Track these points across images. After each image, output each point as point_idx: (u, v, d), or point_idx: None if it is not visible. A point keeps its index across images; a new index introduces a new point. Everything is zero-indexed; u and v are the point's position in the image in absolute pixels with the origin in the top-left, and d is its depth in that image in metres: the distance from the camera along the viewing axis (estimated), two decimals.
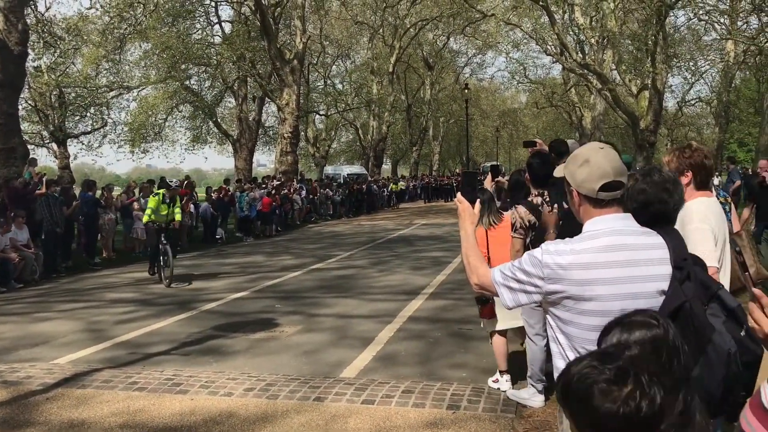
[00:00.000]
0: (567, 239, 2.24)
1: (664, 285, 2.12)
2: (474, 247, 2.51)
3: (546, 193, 4.95)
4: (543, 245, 2.26)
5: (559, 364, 2.28)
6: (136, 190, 17.98)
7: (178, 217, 12.30)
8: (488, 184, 5.57)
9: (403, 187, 41.66)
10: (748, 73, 33.93)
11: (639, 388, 1.22)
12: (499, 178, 6.00)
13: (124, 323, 8.41)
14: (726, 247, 3.34)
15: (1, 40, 15.86)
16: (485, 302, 5.59)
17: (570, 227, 3.42)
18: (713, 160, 3.64)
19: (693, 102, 42.53)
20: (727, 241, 3.38)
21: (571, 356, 2.16)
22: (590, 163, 2.19)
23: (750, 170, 13.87)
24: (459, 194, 2.68)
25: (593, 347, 2.15)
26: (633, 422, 1.22)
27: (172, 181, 12.40)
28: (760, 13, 24.98)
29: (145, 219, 12.29)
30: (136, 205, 16.52)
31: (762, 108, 16.66)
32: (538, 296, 2.22)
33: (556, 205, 4.37)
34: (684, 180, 3.32)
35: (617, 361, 1.29)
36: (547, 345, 5.11)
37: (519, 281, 2.23)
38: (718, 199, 5.01)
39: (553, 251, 2.19)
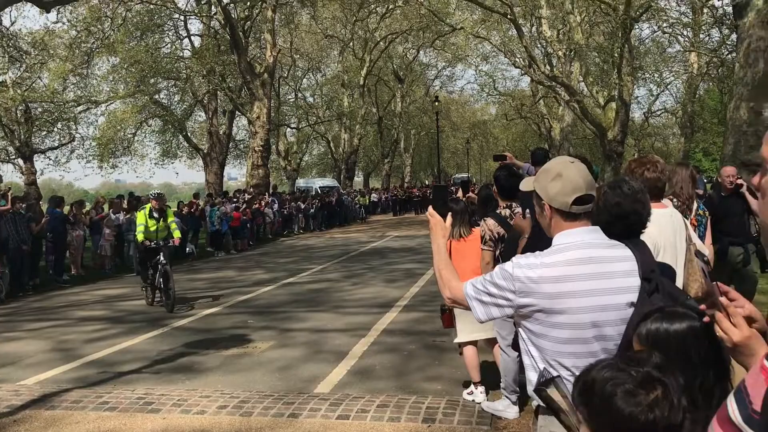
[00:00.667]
0: (537, 252, 2.26)
1: (634, 297, 2.15)
2: (446, 261, 2.52)
3: (513, 204, 5.03)
4: (514, 258, 2.28)
5: (531, 377, 2.30)
6: (105, 206, 17.75)
7: (177, 233, 10.95)
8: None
9: (375, 199, 41.65)
10: (711, 84, 34.67)
11: (665, 395, 1.24)
12: (470, 194, 6.04)
13: (94, 341, 8.27)
14: (678, 259, 3.38)
15: None
16: (444, 311, 5.64)
17: (540, 236, 3.46)
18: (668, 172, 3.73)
19: (659, 113, 43.34)
20: (679, 252, 3.42)
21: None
22: (563, 177, 2.22)
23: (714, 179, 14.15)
24: (430, 208, 2.70)
25: (566, 360, 2.18)
26: (656, 429, 1.23)
27: (152, 194, 11.39)
28: (721, 26, 25.57)
29: (139, 238, 10.59)
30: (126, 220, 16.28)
31: (725, 118, 17.07)
32: (510, 310, 2.23)
33: (528, 211, 4.42)
34: None
35: (644, 366, 1.30)
36: (520, 356, 5.17)
37: (490, 295, 2.24)
38: (698, 211, 5.12)
39: (524, 265, 2.21)
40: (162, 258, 10.41)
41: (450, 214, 2.70)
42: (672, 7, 26.68)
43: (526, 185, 2.43)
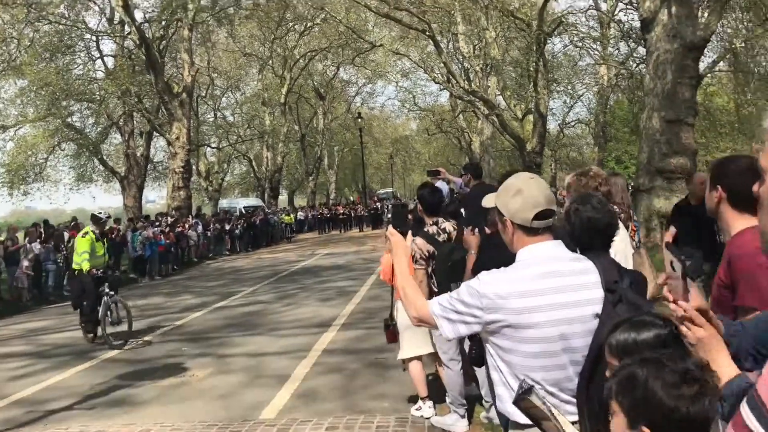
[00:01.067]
0: (502, 268, 2.29)
1: (598, 308, 2.20)
2: (410, 280, 2.52)
3: (440, 220, 5.13)
4: (480, 275, 2.30)
5: (501, 392, 2.31)
6: (20, 235, 16.93)
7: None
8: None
9: (301, 217, 41.34)
10: (620, 95, 36.28)
11: (703, 390, 1.30)
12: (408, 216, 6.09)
13: (18, 379, 7.84)
14: (628, 265, 3.52)
15: None
16: (387, 326, 5.66)
17: (491, 252, 3.52)
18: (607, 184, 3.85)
19: (573, 123, 44.96)
20: (628, 258, 3.56)
21: (514, 383, 2.20)
22: (523, 193, 2.26)
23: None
24: (390, 227, 2.69)
25: (535, 374, 2.21)
26: (694, 422, 1.29)
27: (101, 214, 10.29)
28: (628, 39, 26.88)
29: (85, 267, 9.52)
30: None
31: (637, 127, 17.97)
32: (478, 326, 2.24)
33: (476, 228, 4.49)
34: None
35: (685, 362, 1.34)
36: (463, 368, 5.22)
37: (458, 312, 2.25)
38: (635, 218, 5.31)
39: (490, 281, 2.23)
40: (107, 288, 9.61)
41: (410, 232, 2.70)
42: (582, 22, 27.84)
43: (487, 201, 2.47)
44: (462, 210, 6.45)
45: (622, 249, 3.50)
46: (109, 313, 9.55)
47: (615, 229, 2.53)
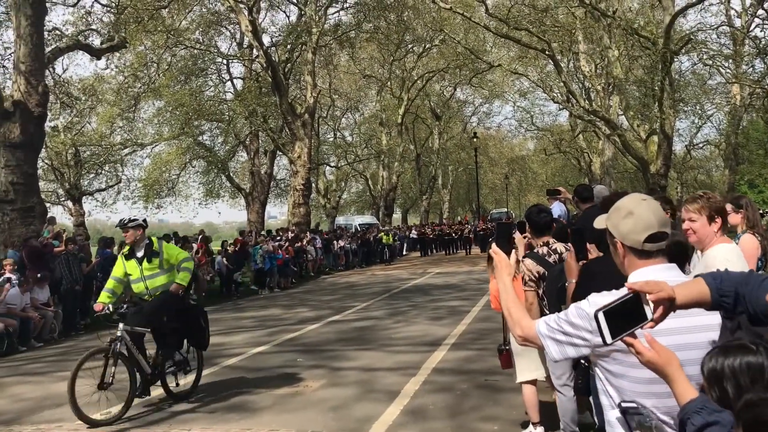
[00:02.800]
0: (613, 291, 2.26)
1: (715, 335, 2.12)
2: (515, 299, 2.51)
3: (550, 241, 5.08)
4: (590, 297, 2.27)
5: (610, 417, 2.27)
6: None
7: (182, 277, 7.16)
8: (520, 241, 5.51)
9: (414, 235, 40.16)
10: (755, 115, 34.18)
11: None
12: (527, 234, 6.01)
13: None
14: None
15: (21, 103, 16.26)
16: (501, 351, 5.58)
17: (590, 279, 3.40)
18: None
19: (701, 145, 42.76)
20: None
21: None
22: (634, 215, 2.22)
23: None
24: (494, 245, 2.69)
25: (646, 400, 2.16)
26: None
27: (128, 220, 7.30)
28: (764, 56, 25.31)
29: (101, 300, 7.07)
30: None
31: None
32: (587, 349, 2.21)
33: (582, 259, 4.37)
34: (714, 227, 3.37)
35: None
36: (577, 395, 5.09)
37: (566, 333, 2.22)
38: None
39: (601, 302, 2.21)
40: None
41: (514, 251, 2.70)
42: (713, 39, 26.51)
43: (599, 223, 2.44)
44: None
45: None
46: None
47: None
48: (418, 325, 12.03)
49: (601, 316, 1.88)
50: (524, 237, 5.60)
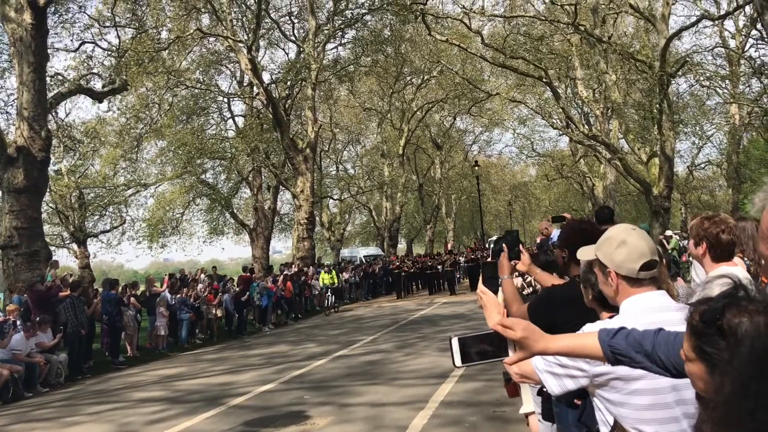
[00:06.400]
0: (607, 319, 2.26)
1: None
2: None
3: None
4: (584, 327, 2.27)
5: None
6: (157, 285, 18.05)
7: None
8: (525, 263, 5.37)
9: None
10: (754, 133, 34.26)
11: None
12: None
13: (154, 423, 8.31)
14: None
15: (25, 148, 16.43)
16: (508, 380, 5.51)
17: (547, 309, 3.30)
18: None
19: (703, 165, 42.81)
20: None
21: None
22: (628, 244, 2.25)
23: None
24: (481, 285, 2.67)
25: (647, 427, 2.15)
26: None
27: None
28: (760, 75, 25.47)
29: None
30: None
31: None
32: (585, 380, 2.20)
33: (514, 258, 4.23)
34: (700, 250, 3.35)
35: None
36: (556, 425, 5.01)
37: (563, 366, 2.21)
38: None
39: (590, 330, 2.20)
40: None
41: (500, 288, 2.68)
42: (709, 60, 26.70)
43: (584, 254, 2.44)
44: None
45: None
46: None
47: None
48: (427, 357, 11.94)
49: (454, 341, 2.07)
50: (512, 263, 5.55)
